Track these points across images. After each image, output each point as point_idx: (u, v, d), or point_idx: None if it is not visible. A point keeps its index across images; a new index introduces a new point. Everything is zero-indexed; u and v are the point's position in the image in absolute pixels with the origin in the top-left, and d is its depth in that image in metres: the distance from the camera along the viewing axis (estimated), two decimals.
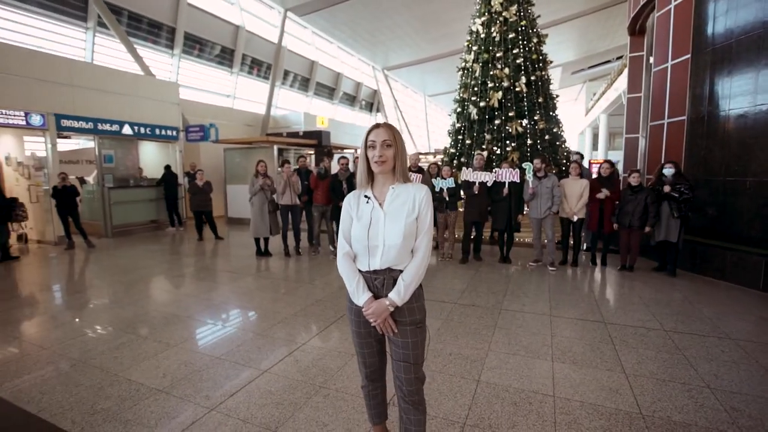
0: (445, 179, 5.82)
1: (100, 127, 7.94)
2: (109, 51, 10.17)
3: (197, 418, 2.27)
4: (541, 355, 3.00)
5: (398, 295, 1.55)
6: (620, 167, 10.73)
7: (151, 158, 9.71)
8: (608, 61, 25.08)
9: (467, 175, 5.81)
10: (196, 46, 12.58)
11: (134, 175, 9.04)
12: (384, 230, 1.55)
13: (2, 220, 6.26)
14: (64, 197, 6.90)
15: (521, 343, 3.19)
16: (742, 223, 5.06)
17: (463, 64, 8.59)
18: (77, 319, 3.84)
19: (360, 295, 1.58)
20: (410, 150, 24.58)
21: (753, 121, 4.95)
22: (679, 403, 2.37)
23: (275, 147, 9.35)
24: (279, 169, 8.30)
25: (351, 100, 22.52)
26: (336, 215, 6.35)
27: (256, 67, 15.19)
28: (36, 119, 6.99)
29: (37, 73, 7.17)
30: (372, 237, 1.56)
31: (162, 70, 11.53)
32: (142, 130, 8.72)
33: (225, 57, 13.67)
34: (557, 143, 8.08)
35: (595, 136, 27.46)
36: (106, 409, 2.37)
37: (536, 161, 5.45)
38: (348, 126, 17.91)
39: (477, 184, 5.73)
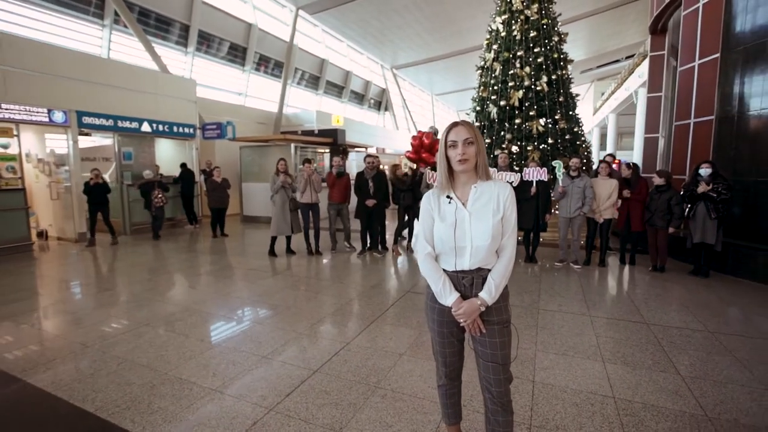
0: None
1: (120, 124, 7.95)
2: (124, 48, 10.16)
3: (258, 418, 2.25)
4: (590, 355, 2.97)
5: (489, 294, 1.53)
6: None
7: (166, 156, 9.68)
8: (617, 61, 24.99)
9: (492, 175, 5.77)
10: (209, 43, 12.57)
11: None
12: (471, 230, 1.53)
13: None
14: (96, 194, 7.00)
15: (568, 344, 3.16)
16: None
17: (483, 62, 8.52)
18: (115, 317, 3.83)
19: (448, 296, 1.56)
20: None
21: None
22: (743, 406, 2.33)
23: (292, 145, 9.32)
24: (300, 167, 8.31)
25: (360, 98, 22.48)
26: (361, 213, 6.35)
27: (264, 63, 15.14)
28: (59, 116, 6.99)
29: (57, 70, 7.16)
30: (459, 237, 1.54)
31: (176, 68, 11.51)
32: (161, 127, 8.72)
33: (237, 55, 13.66)
34: (577, 143, 8.02)
35: (603, 136, 27.32)
36: (164, 408, 2.35)
37: (574, 160, 5.41)
38: (358, 124, 17.88)
39: None
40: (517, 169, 7.05)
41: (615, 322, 3.61)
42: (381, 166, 6.70)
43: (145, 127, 8.43)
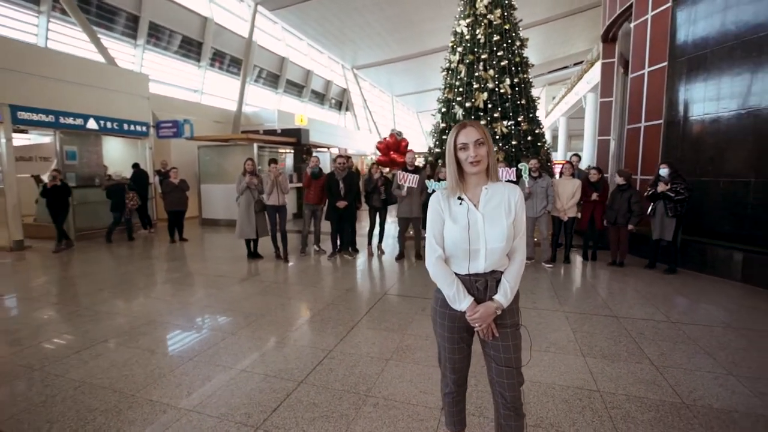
0: (440, 180, 5.82)
1: (62, 120, 7.22)
2: (64, 38, 9.28)
3: None
4: (570, 351, 3.05)
5: (505, 297, 1.51)
6: (582, 166, 11.33)
7: (116, 155, 8.97)
8: (566, 67, 26.45)
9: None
10: (160, 35, 11.81)
11: (99, 173, 8.30)
12: (484, 232, 1.50)
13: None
14: (55, 197, 6.49)
15: (548, 340, 3.24)
16: (715, 220, 5.46)
17: (448, 64, 8.64)
18: (66, 334, 3.45)
19: (462, 300, 1.52)
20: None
21: (726, 126, 5.35)
22: (713, 392, 2.49)
23: (255, 145, 8.94)
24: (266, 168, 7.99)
25: (320, 98, 22.15)
26: (332, 215, 6.20)
27: (220, 59, 14.47)
28: None
29: None
30: (473, 240, 1.51)
31: (124, 62, 10.70)
32: (109, 124, 8.04)
33: (192, 50, 12.96)
34: (538, 144, 8.34)
35: (554, 138, 28.81)
36: None
37: (533, 162, 5.59)
38: (319, 123, 17.59)
39: None
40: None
41: (588, 317, 3.76)
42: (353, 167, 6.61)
43: (92, 124, 7.73)
